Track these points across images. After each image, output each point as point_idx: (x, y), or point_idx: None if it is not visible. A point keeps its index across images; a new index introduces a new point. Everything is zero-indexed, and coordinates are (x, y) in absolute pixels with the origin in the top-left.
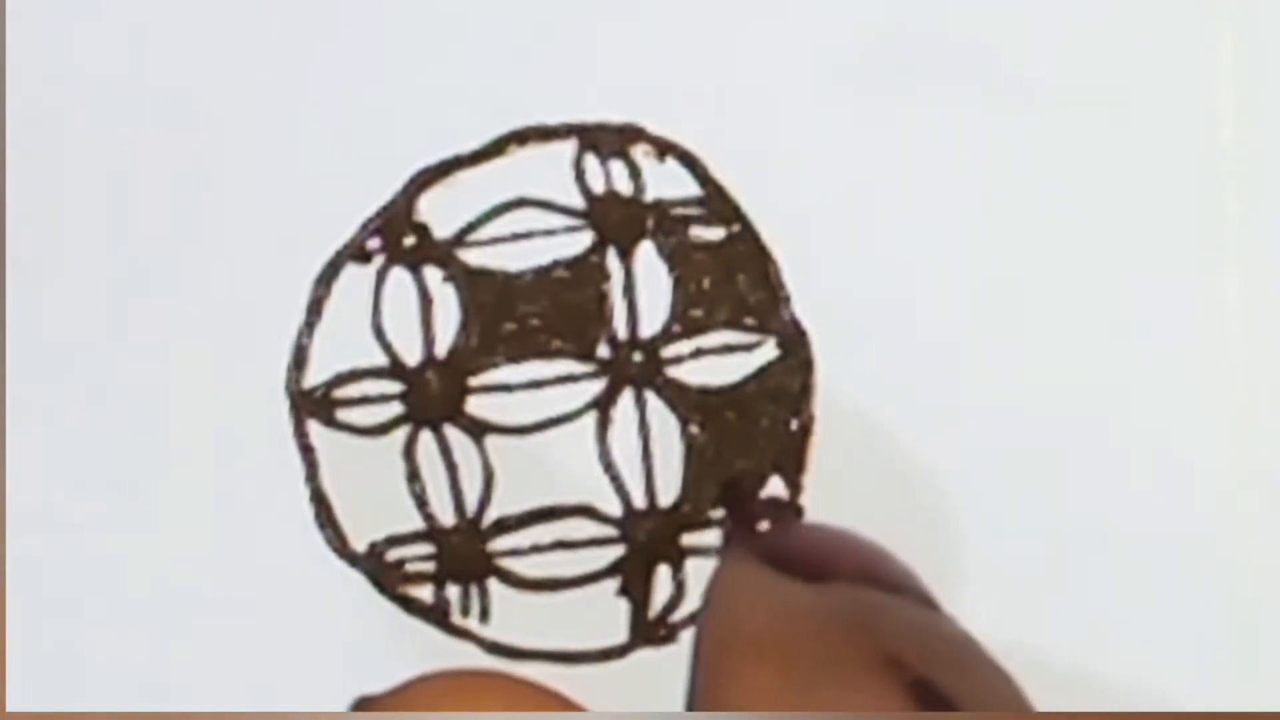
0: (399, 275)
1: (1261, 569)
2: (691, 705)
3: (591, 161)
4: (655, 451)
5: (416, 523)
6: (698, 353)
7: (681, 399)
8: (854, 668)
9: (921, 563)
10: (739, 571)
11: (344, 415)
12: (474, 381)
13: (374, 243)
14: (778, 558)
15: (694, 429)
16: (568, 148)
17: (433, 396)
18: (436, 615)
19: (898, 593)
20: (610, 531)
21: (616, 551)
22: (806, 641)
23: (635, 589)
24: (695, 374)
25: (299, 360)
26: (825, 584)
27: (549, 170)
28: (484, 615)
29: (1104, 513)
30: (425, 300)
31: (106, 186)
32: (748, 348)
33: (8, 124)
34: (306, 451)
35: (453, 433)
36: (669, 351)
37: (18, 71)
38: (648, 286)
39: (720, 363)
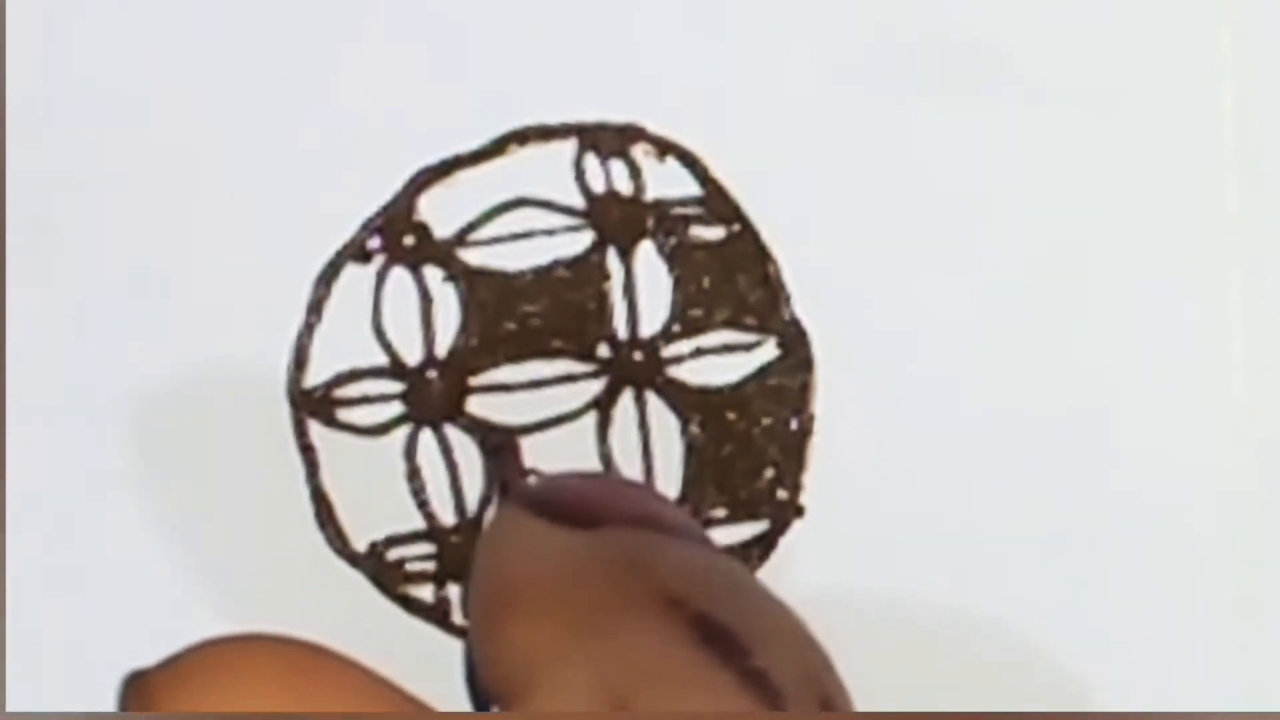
0: (399, 275)
1: (1262, 569)
2: (470, 665)
3: (592, 161)
4: (655, 451)
5: (417, 523)
6: (698, 352)
7: (681, 399)
8: (633, 609)
9: (921, 560)
10: (509, 523)
11: (344, 415)
12: (474, 381)
13: (374, 242)
14: (548, 507)
15: (694, 429)
16: (568, 148)
17: (433, 396)
18: (436, 615)
19: (672, 534)
20: None
21: None
22: (582, 588)
23: None
24: (695, 374)
25: (299, 360)
26: (598, 529)
27: (549, 170)
28: None
29: (1104, 512)
30: (425, 300)
31: (106, 186)
32: (748, 347)
33: (8, 124)
34: (306, 451)
35: (453, 432)
36: (669, 351)
37: (18, 71)
38: (648, 286)
39: (720, 363)
